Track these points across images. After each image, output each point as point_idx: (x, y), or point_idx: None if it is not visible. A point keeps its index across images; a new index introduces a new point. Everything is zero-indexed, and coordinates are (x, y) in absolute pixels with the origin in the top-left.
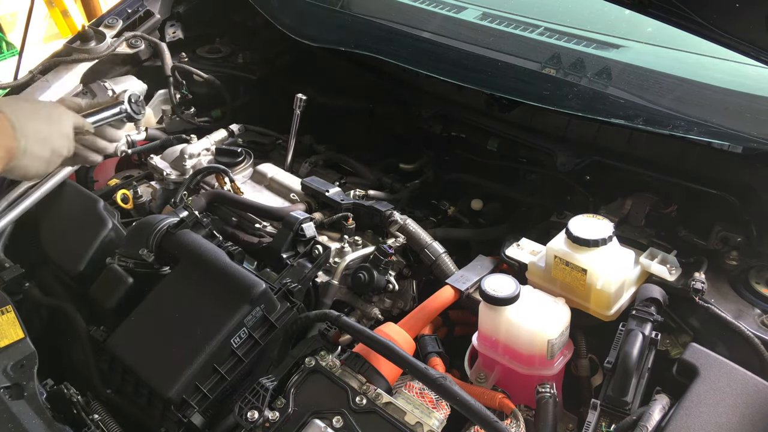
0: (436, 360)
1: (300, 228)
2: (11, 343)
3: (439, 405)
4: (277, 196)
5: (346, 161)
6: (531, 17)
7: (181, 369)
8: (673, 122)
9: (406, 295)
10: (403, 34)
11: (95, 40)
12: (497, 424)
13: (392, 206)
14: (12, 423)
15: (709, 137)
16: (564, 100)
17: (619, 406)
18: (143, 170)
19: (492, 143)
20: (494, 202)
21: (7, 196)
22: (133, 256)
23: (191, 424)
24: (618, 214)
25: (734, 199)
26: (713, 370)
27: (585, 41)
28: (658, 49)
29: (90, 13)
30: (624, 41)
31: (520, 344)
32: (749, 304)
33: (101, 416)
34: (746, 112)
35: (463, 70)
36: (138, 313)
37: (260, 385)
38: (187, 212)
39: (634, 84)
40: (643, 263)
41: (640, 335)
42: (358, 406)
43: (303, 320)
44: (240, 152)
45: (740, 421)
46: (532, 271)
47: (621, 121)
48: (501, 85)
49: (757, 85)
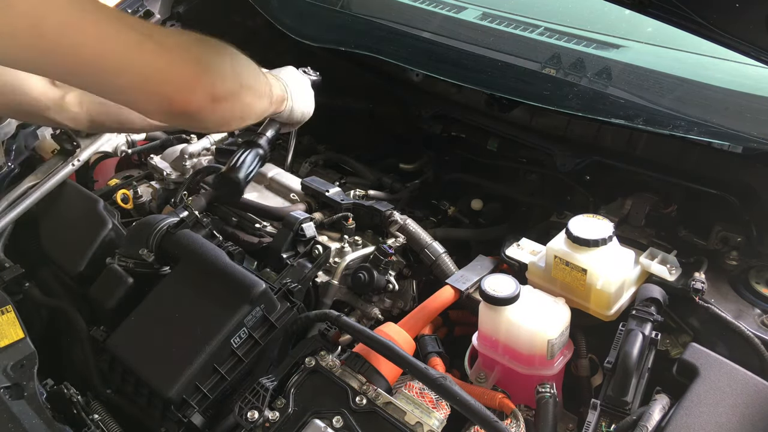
0: (436, 360)
1: (300, 228)
2: (11, 343)
3: (439, 405)
4: (277, 196)
5: (346, 161)
6: (531, 17)
7: (181, 369)
8: (673, 122)
9: (406, 295)
10: (403, 34)
11: None
12: (497, 424)
13: (392, 206)
14: (12, 423)
15: (709, 137)
16: (564, 100)
17: (619, 406)
18: (143, 170)
19: (492, 143)
20: (494, 202)
21: (7, 196)
22: (133, 256)
23: (191, 424)
24: (618, 214)
25: (734, 199)
26: (713, 370)
27: (585, 41)
28: (658, 49)
29: None
30: (624, 41)
31: (520, 344)
32: (749, 304)
33: (101, 416)
34: (746, 112)
35: (463, 70)
36: (138, 313)
37: (260, 385)
38: (187, 212)
39: (634, 84)
40: (643, 263)
41: (640, 335)
42: (358, 406)
43: (303, 320)
44: None
45: (740, 421)
46: (532, 271)
47: (621, 121)
48: (501, 85)
49: (757, 85)
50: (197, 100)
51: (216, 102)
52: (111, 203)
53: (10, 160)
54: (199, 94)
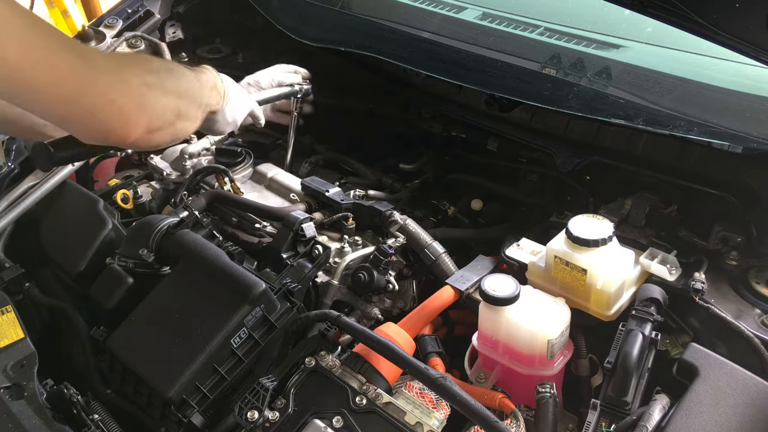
0: (436, 360)
1: (300, 228)
2: (11, 343)
3: (439, 405)
4: (277, 196)
5: (346, 161)
6: (531, 17)
7: (181, 369)
8: (673, 122)
9: (406, 295)
10: (403, 34)
11: (95, 40)
12: (497, 424)
13: (392, 206)
14: (12, 423)
15: (709, 137)
16: (564, 100)
17: (619, 406)
18: (143, 170)
19: (492, 143)
20: (494, 202)
21: (7, 196)
22: (133, 256)
23: (191, 424)
24: (618, 214)
25: (734, 199)
26: (713, 370)
27: (585, 41)
28: (658, 49)
29: (90, 13)
30: (624, 41)
31: (520, 344)
32: (749, 304)
33: (101, 416)
34: (746, 112)
35: (463, 70)
36: (138, 313)
37: (260, 385)
38: (187, 212)
39: (634, 84)
40: (643, 263)
41: (640, 335)
42: (358, 406)
43: (303, 320)
44: (240, 152)
45: (740, 421)
46: (532, 271)
47: (621, 121)
48: (501, 85)
49: (757, 85)
50: (135, 133)
51: (151, 133)
52: (111, 203)
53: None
54: (138, 130)
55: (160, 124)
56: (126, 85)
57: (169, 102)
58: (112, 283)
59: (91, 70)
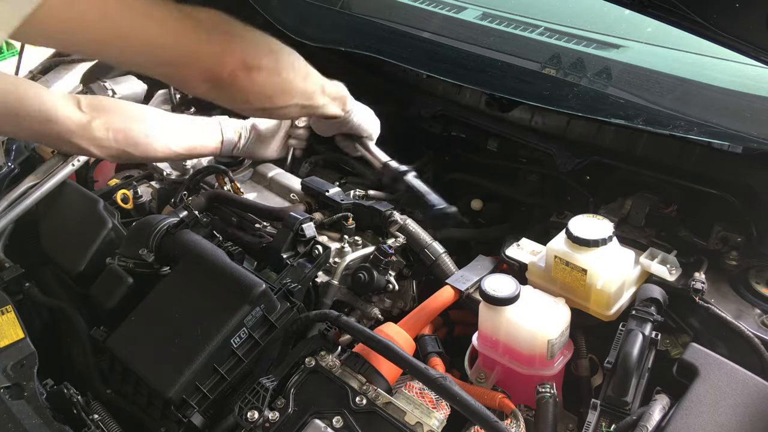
0: (436, 360)
1: (300, 228)
2: (11, 343)
3: (439, 405)
4: (277, 196)
5: (346, 161)
6: (531, 17)
7: (181, 369)
8: (673, 122)
9: (406, 295)
10: (403, 34)
11: None
12: (497, 424)
13: (392, 206)
14: (12, 423)
15: (709, 137)
16: (564, 100)
17: (619, 406)
18: (143, 170)
19: (492, 143)
20: (494, 202)
21: (7, 196)
22: (133, 256)
23: (191, 424)
24: (618, 214)
25: (734, 199)
26: (713, 370)
27: (585, 41)
28: (658, 49)
29: None
30: (624, 41)
31: (520, 344)
32: (749, 304)
33: (101, 416)
34: (746, 112)
35: (463, 70)
36: (138, 313)
37: (260, 385)
38: (187, 212)
39: (634, 84)
40: (643, 263)
41: (640, 335)
42: (358, 406)
43: (303, 320)
44: None
45: (740, 421)
46: (532, 271)
47: (621, 121)
48: (501, 85)
49: (757, 85)
50: (229, 65)
51: (249, 70)
52: (111, 203)
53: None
54: (229, 60)
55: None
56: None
57: (267, 44)
58: (112, 283)
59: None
